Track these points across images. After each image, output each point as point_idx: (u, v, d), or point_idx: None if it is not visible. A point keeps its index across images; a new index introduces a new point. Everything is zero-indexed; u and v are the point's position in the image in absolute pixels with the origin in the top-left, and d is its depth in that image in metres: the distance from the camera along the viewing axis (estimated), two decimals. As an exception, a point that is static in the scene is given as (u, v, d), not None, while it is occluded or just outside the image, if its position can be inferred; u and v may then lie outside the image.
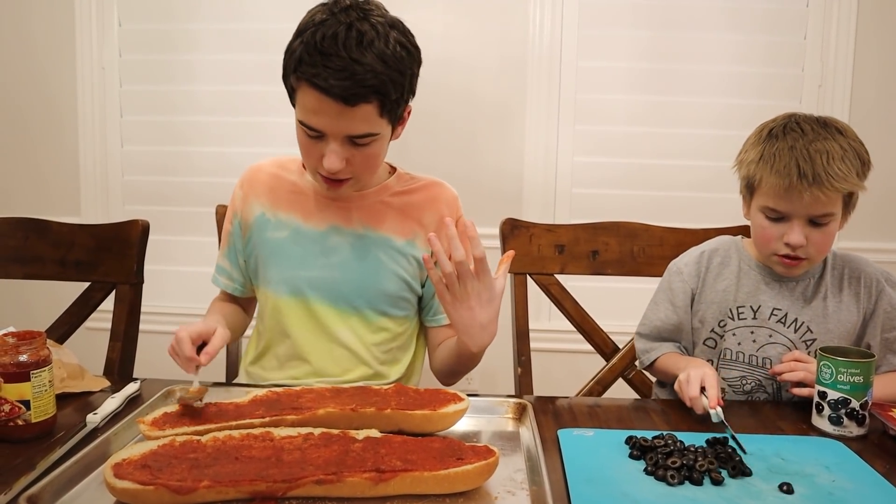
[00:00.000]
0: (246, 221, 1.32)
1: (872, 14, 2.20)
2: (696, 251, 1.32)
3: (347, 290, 1.26)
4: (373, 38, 1.07)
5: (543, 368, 1.62)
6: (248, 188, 1.33)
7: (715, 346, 1.28)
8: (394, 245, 1.27)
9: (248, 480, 0.78)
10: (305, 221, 1.28)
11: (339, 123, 1.10)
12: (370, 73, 1.06)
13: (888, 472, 0.92)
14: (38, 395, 0.97)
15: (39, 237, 1.49)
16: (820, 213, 1.13)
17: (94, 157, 2.38)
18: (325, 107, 1.08)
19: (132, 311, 1.44)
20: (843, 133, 1.15)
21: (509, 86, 2.28)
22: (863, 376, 1.02)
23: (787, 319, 1.23)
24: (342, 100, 1.06)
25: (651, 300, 1.35)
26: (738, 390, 1.27)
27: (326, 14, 1.09)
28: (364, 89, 1.06)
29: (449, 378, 1.34)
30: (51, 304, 1.50)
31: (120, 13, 2.32)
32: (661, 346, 1.30)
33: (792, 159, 1.11)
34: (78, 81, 2.35)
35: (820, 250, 1.17)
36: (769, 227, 1.17)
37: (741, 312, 1.25)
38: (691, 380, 1.08)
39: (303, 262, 1.27)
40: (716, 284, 1.28)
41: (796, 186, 1.10)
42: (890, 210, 2.28)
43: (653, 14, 2.23)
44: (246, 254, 1.34)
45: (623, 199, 2.26)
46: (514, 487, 0.85)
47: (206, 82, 2.33)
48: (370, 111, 1.10)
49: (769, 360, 1.24)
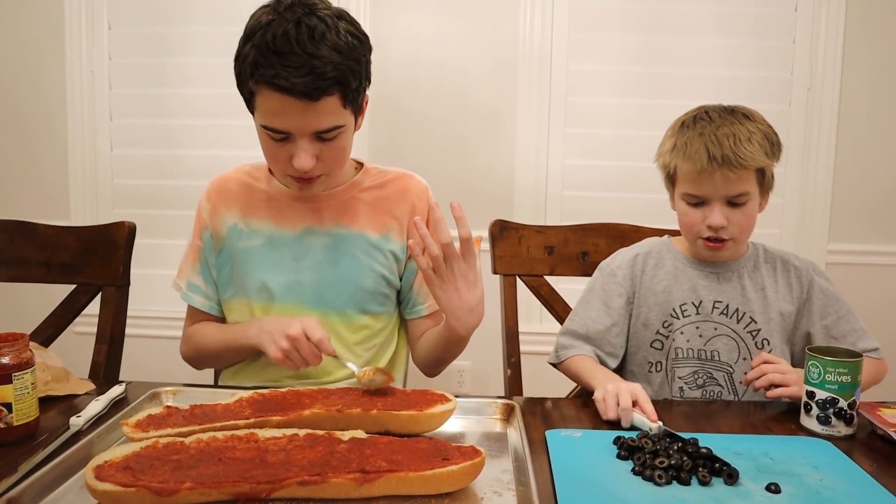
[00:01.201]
0: (217, 234, 1.30)
1: (860, 17, 2.22)
2: (629, 253, 1.35)
3: (325, 290, 1.26)
4: (324, 30, 1.06)
5: (535, 371, 1.62)
6: (217, 199, 1.31)
7: (662, 348, 1.30)
8: (368, 241, 1.27)
9: (231, 482, 0.77)
10: (279, 226, 1.27)
11: (305, 121, 1.08)
12: (329, 65, 1.05)
13: (876, 472, 0.91)
14: (20, 398, 0.95)
15: (25, 239, 1.48)
16: (735, 192, 1.19)
17: (84, 160, 2.37)
18: (288, 107, 1.07)
19: (118, 313, 1.43)
20: (749, 118, 1.22)
21: (500, 89, 2.29)
22: (850, 376, 1.02)
23: (728, 311, 1.27)
24: (305, 96, 1.05)
25: (581, 299, 1.35)
26: (691, 386, 1.28)
27: (272, 14, 1.07)
28: (326, 82, 1.05)
29: (434, 367, 1.33)
30: (37, 306, 1.49)
31: (109, 17, 2.32)
32: (580, 347, 1.29)
33: (702, 144, 1.18)
34: (67, 85, 2.34)
35: (742, 230, 1.22)
36: (691, 212, 1.23)
37: (685, 310, 1.28)
38: (622, 392, 1.05)
39: (279, 266, 1.26)
40: (653, 286, 1.30)
41: (707, 169, 1.17)
42: (876, 211, 2.29)
43: (642, 18, 2.25)
44: (218, 266, 1.31)
45: (614, 202, 2.26)
46: (500, 488, 0.84)
47: (195, 86, 2.33)
48: (334, 103, 1.09)
49: (717, 353, 1.27)
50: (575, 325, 1.32)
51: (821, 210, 2.29)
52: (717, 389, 1.28)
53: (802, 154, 2.27)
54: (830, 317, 1.27)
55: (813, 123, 2.25)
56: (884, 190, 2.28)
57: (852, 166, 2.27)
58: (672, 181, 1.28)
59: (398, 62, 2.31)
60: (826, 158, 2.27)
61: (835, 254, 2.30)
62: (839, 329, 1.26)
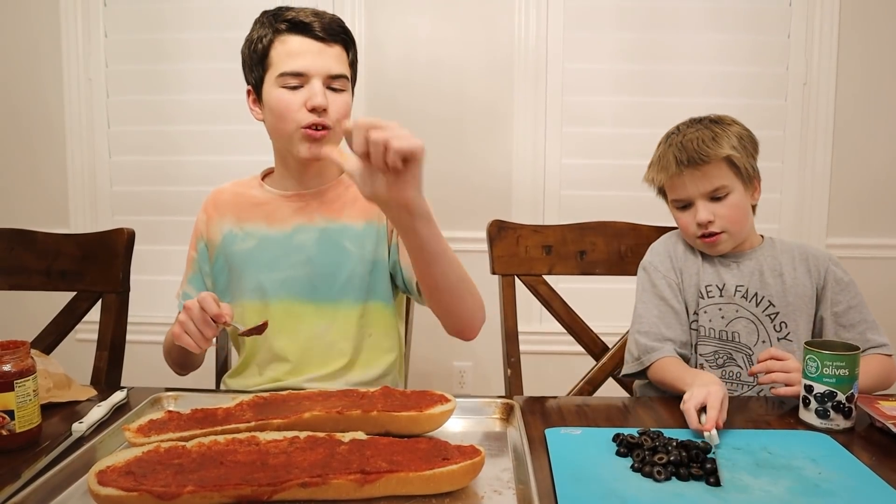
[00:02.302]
0: (213, 242, 1.35)
1: (854, 11, 2.23)
2: (660, 246, 1.40)
3: (318, 282, 1.29)
4: (325, 9, 1.28)
5: (535, 370, 1.62)
6: (213, 210, 1.36)
7: (696, 328, 1.33)
8: (355, 230, 1.30)
9: (232, 485, 0.77)
10: (270, 226, 1.31)
11: (321, 60, 1.22)
12: (336, 20, 1.25)
13: (875, 464, 0.92)
14: (22, 405, 0.96)
15: (24, 248, 1.48)
16: (711, 188, 1.27)
17: (83, 168, 2.38)
18: (307, 47, 1.22)
19: (119, 319, 1.43)
20: (717, 122, 1.31)
21: (496, 88, 2.29)
22: (848, 369, 1.03)
23: (748, 294, 1.31)
24: (321, 36, 1.22)
25: (637, 302, 1.37)
26: (712, 364, 1.32)
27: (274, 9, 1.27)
28: (337, 29, 1.24)
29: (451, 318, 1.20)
30: (38, 314, 1.50)
31: (106, 24, 2.33)
32: (662, 347, 1.28)
33: (670, 154, 1.29)
34: (65, 93, 2.35)
35: (732, 221, 1.28)
36: (682, 216, 1.32)
37: (709, 291, 1.32)
38: (694, 396, 1.03)
39: (272, 264, 1.30)
40: (688, 268, 1.35)
41: (677, 172, 1.28)
42: (873, 205, 2.29)
43: (637, 15, 2.25)
44: (214, 273, 1.35)
45: (612, 200, 2.27)
46: (500, 487, 0.84)
47: (192, 91, 2.33)
48: (342, 54, 1.25)
49: (737, 335, 1.31)
50: (645, 326, 1.32)
51: (818, 204, 2.29)
52: (737, 370, 1.31)
53: (799, 149, 2.27)
54: (841, 305, 1.30)
55: (809, 118, 2.25)
56: (881, 183, 2.28)
57: (849, 160, 2.28)
58: (663, 194, 1.37)
59: (394, 63, 2.32)
60: (823, 153, 2.27)
61: (833, 248, 2.30)
62: (848, 318, 1.29)
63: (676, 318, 1.32)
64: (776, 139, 2.26)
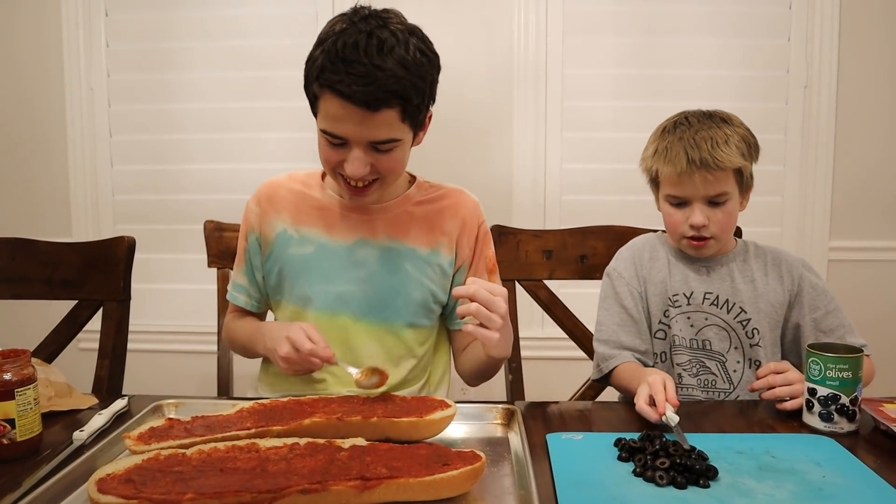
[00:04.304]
0: (266, 238, 1.31)
1: (854, 13, 2.22)
2: (626, 252, 1.39)
3: (377, 301, 1.26)
4: (393, 44, 1.08)
5: (538, 376, 1.62)
6: (267, 205, 1.32)
7: (665, 337, 1.32)
8: (419, 255, 1.27)
9: (232, 492, 0.77)
10: (331, 236, 1.28)
11: (362, 130, 1.11)
12: (391, 78, 1.07)
13: (879, 467, 0.91)
14: (22, 414, 0.96)
15: (26, 257, 1.49)
16: (714, 193, 1.24)
17: (85, 177, 2.38)
18: (348, 113, 1.09)
19: (120, 328, 1.44)
20: (727, 122, 1.27)
21: (497, 94, 2.29)
22: (851, 372, 1.02)
23: (719, 301, 1.30)
24: (365, 105, 1.07)
25: (599, 308, 1.36)
26: (689, 372, 1.31)
27: (346, 23, 1.11)
28: (386, 94, 1.07)
29: (477, 380, 1.32)
30: (39, 323, 1.50)
31: (107, 34, 2.34)
32: (619, 354, 1.29)
33: (681, 148, 1.24)
34: (67, 103, 2.36)
35: (723, 228, 1.27)
36: (674, 213, 1.29)
37: (676, 301, 1.31)
38: (640, 395, 1.07)
39: (331, 276, 1.26)
40: (653, 277, 1.34)
41: (687, 171, 1.23)
42: (875, 208, 2.29)
43: (637, 20, 2.25)
44: (265, 270, 1.33)
45: (613, 205, 2.26)
46: (501, 492, 0.84)
47: (194, 100, 2.34)
48: (392, 116, 1.11)
49: (709, 342, 1.30)
50: (605, 334, 1.33)
51: (821, 207, 2.29)
52: (711, 378, 1.30)
53: (801, 152, 2.27)
54: (819, 311, 1.29)
55: (811, 121, 2.25)
56: (883, 185, 2.27)
57: (851, 163, 2.27)
58: (656, 184, 1.33)
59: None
60: (825, 155, 2.27)
61: (836, 251, 2.30)
62: (827, 323, 1.28)
63: (636, 326, 1.32)
64: (777, 142, 2.25)
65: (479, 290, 1.02)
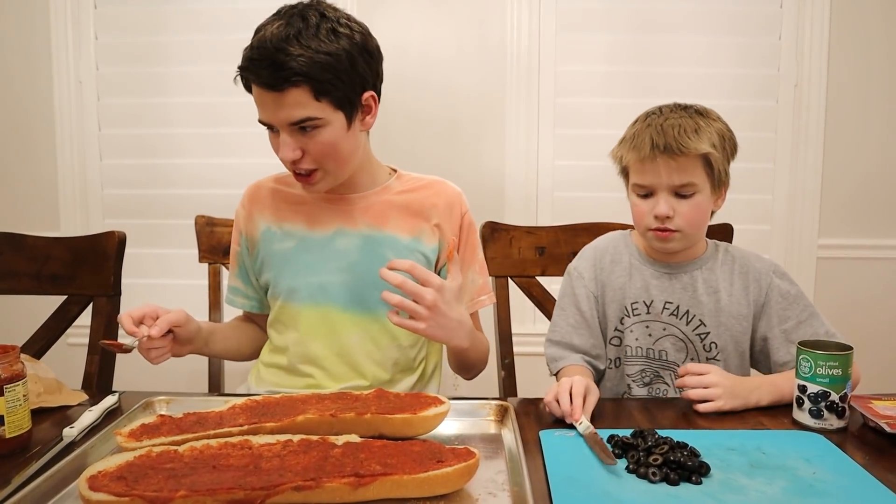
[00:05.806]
0: (252, 238, 1.33)
1: (845, 13, 2.23)
2: (590, 251, 1.36)
3: (359, 290, 1.26)
4: (300, 28, 1.11)
5: (530, 372, 1.62)
6: (251, 205, 1.34)
7: (620, 344, 1.31)
8: (400, 243, 1.27)
9: (225, 489, 0.77)
10: (311, 228, 1.29)
11: (277, 112, 1.14)
12: (291, 57, 1.09)
13: (868, 464, 0.92)
14: (11, 410, 0.95)
15: (14, 251, 1.47)
16: (680, 183, 1.19)
17: (73, 171, 2.36)
18: (263, 99, 1.14)
19: (109, 323, 1.42)
20: (703, 114, 1.23)
21: (488, 91, 2.29)
22: (841, 369, 1.03)
23: (679, 312, 1.27)
24: (270, 87, 1.11)
25: (557, 305, 1.36)
26: (638, 383, 1.30)
27: (272, 17, 1.16)
28: (286, 72, 1.10)
29: (462, 371, 1.34)
30: (28, 318, 1.48)
31: (96, 27, 2.31)
32: (568, 356, 1.29)
33: (647, 135, 1.20)
34: (55, 96, 2.33)
35: (690, 222, 1.21)
36: (640, 203, 1.24)
37: (635, 308, 1.29)
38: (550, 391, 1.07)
39: (313, 268, 1.27)
40: (612, 282, 1.31)
41: (649, 156, 1.19)
42: (865, 206, 2.30)
43: (629, 17, 2.25)
44: (256, 270, 1.34)
45: (605, 202, 2.25)
46: (495, 489, 0.84)
47: (184, 94, 2.32)
48: (302, 95, 1.12)
49: (665, 353, 1.28)
50: (557, 335, 1.32)
51: (810, 205, 2.30)
52: (664, 388, 1.29)
53: (791, 150, 2.28)
54: (790, 321, 1.24)
55: (801, 119, 2.26)
56: (873, 184, 2.29)
57: (841, 161, 2.28)
58: (626, 174, 1.29)
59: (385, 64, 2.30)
60: (814, 154, 2.28)
61: (825, 248, 2.31)
62: (799, 334, 1.22)
63: (589, 330, 1.30)
64: (767, 140, 2.26)
65: (407, 282, 1.05)
